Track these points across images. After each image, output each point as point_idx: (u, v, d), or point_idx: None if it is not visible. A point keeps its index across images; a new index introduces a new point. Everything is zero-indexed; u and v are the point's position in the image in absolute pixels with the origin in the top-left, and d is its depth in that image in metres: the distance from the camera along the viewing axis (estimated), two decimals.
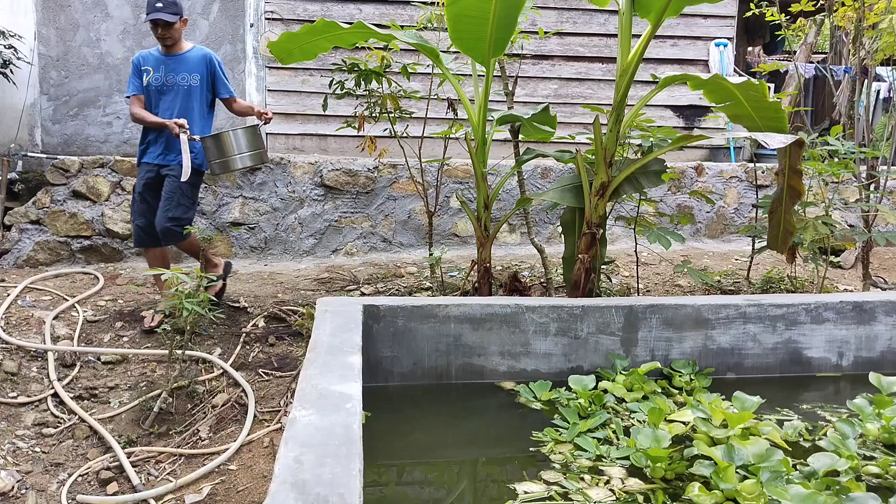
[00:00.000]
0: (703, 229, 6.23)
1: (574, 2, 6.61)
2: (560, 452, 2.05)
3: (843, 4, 4.34)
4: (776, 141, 2.64)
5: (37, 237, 5.28)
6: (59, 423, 3.11)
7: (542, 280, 4.58)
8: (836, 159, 3.82)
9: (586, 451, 2.04)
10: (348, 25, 3.14)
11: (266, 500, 1.16)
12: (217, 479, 2.73)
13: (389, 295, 4.52)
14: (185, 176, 3.70)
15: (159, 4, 3.68)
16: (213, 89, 3.98)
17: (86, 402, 3.28)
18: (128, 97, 3.93)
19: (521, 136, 3.83)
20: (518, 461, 2.07)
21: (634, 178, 3.11)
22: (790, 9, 4.59)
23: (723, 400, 2.31)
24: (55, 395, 3.28)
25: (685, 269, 3.67)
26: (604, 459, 2.01)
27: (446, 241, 5.85)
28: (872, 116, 5.84)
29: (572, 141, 3.97)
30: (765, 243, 3.34)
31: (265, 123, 3.91)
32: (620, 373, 2.58)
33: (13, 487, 2.60)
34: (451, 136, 4.10)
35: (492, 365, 2.64)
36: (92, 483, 2.76)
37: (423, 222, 5.71)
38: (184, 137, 3.69)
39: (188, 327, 3.41)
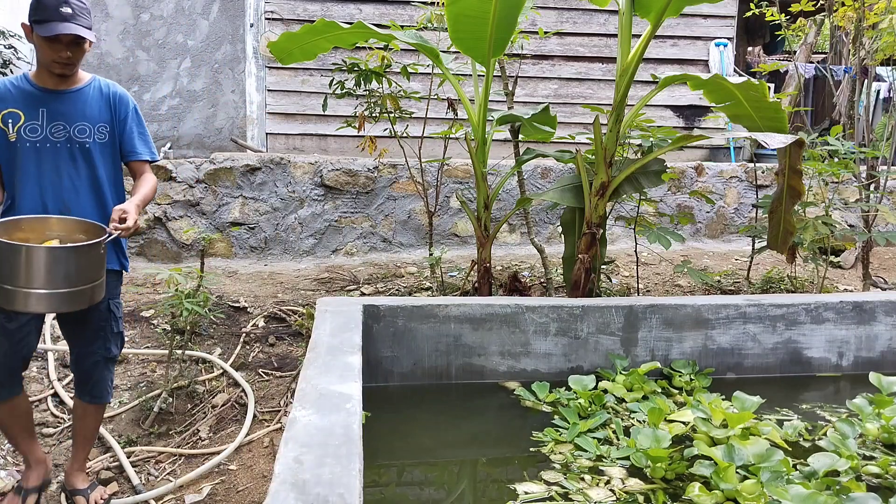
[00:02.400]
0: (703, 229, 6.22)
1: (574, 2, 6.61)
2: (560, 452, 2.05)
3: (843, 4, 4.34)
4: (776, 141, 2.64)
5: None
6: (59, 423, 3.11)
7: (542, 280, 4.58)
8: (836, 159, 3.82)
9: (586, 451, 2.04)
10: (348, 25, 3.14)
11: (266, 500, 1.16)
12: (217, 479, 2.73)
13: (389, 295, 4.52)
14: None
15: (67, 10, 2.21)
16: (120, 147, 2.48)
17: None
18: None
19: (521, 136, 3.83)
20: (518, 461, 2.07)
21: (634, 178, 3.11)
22: (790, 9, 4.59)
23: (723, 400, 2.30)
24: (55, 394, 3.28)
25: (685, 269, 3.67)
26: (604, 459, 2.01)
27: (446, 241, 5.85)
28: (872, 116, 5.84)
29: (572, 141, 3.97)
30: (765, 243, 3.34)
31: (119, 233, 2.24)
32: (620, 373, 2.57)
33: (13, 487, 2.60)
34: (451, 136, 4.10)
35: (492, 365, 2.64)
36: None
37: (423, 222, 5.71)
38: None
39: (188, 327, 3.41)
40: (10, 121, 2.33)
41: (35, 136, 2.34)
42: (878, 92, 8.07)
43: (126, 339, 3.82)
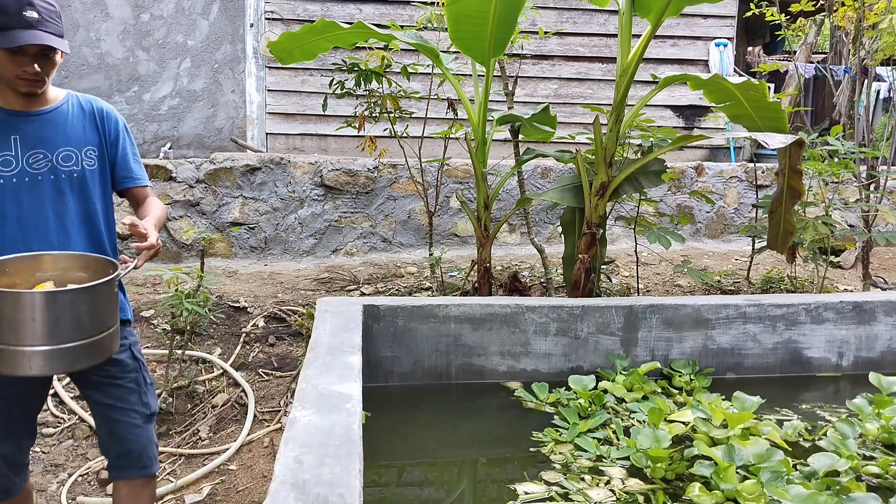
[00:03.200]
0: (703, 229, 6.23)
1: (574, 2, 6.61)
2: (560, 453, 2.05)
3: (843, 4, 4.34)
4: (776, 141, 2.64)
5: None
6: (59, 423, 3.11)
7: (542, 280, 4.58)
8: (836, 159, 3.82)
9: (586, 451, 2.04)
10: (348, 25, 3.14)
11: (266, 500, 1.16)
12: (217, 479, 2.74)
13: (389, 295, 4.52)
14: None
15: (32, 14, 1.80)
16: (112, 172, 2.09)
17: (86, 402, 3.28)
18: None
19: (521, 136, 3.83)
20: (518, 461, 2.07)
21: (634, 178, 3.11)
22: (790, 9, 4.59)
23: (723, 400, 2.30)
24: (55, 394, 3.28)
25: (685, 269, 3.67)
26: (604, 460, 2.01)
27: (446, 241, 5.85)
28: (872, 116, 5.84)
29: (572, 141, 3.97)
30: (765, 243, 3.34)
31: (138, 262, 1.88)
32: (620, 373, 2.57)
33: None
34: (451, 136, 4.10)
35: (492, 365, 2.64)
36: (92, 483, 2.76)
37: (423, 222, 5.71)
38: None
39: (188, 327, 3.41)
40: None
41: (9, 171, 1.91)
42: (878, 92, 8.07)
43: None
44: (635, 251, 4.16)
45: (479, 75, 3.44)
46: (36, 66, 1.84)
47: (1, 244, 1.91)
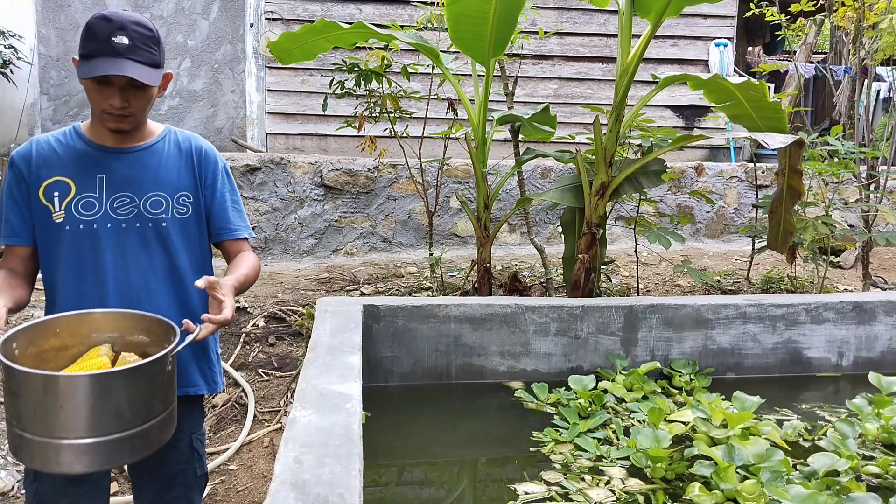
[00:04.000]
0: (703, 229, 6.23)
1: (574, 2, 6.62)
2: (560, 453, 2.05)
3: (843, 4, 4.34)
4: (776, 141, 2.64)
5: None
6: None
7: (542, 280, 4.58)
8: (836, 159, 3.82)
9: (586, 451, 2.04)
10: (348, 25, 3.14)
11: (266, 500, 1.16)
12: (217, 479, 2.73)
13: (389, 295, 4.52)
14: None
15: (122, 40, 1.57)
16: (208, 221, 1.85)
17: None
18: None
19: (521, 136, 3.83)
20: (518, 461, 2.07)
21: (634, 178, 3.11)
22: (790, 9, 4.59)
23: (723, 400, 2.30)
24: None
25: (685, 269, 3.67)
26: (604, 459, 2.01)
27: (446, 241, 5.85)
28: (872, 116, 5.84)
29: (572, 141, 3.97)
30: (765, 243, 3.34)
31: (206, 333, 1.59)
32: (620, 373, 2.57)
33: (13, 487, 2.60)
34: (451, 136, 4.10)
35: (492, 365, 2.64)
36: None
37: (423, 222, 5.71)
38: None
39: None
40: (55, 193, 1.66)
41: (91, 215, 1.67)
42: (878, 92, 8.07)
43: None
44: (635, 251, 4.16)
45: (479, 75, 3.44)
46: (120, 100, 1.60)
47: (76, 299, 1.68)
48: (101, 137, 1.72)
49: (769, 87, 3.44)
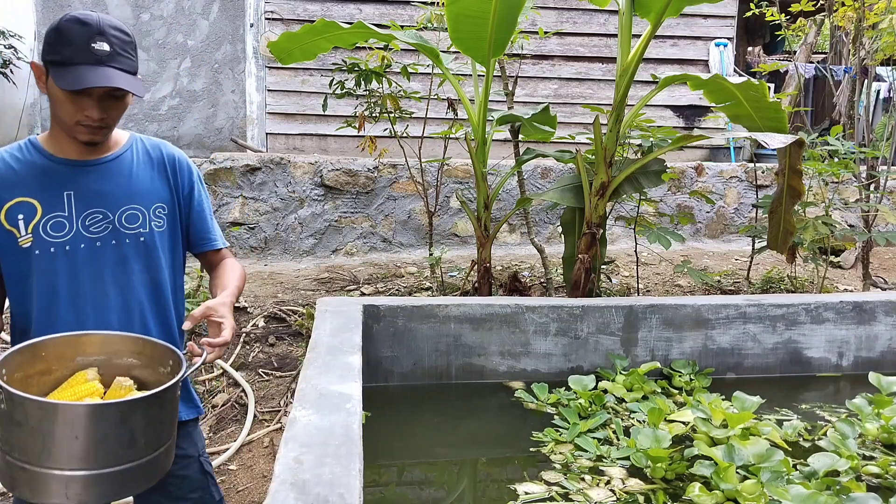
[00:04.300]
0: (703, 229, 6.23)
1: (574, 2, 6.62)
2: (560, 453, 2.05)
3: (843, 4, 4.34)
4: (776, 141, 2.64)
5: None
6: None
7: (542, 280, 4.58)
8: (836, 159, 3.82)
9: (587, 451, 2.04)
10: (348, 25, 3.14)
11: (266, 500, 1.16)
12: (217, 479, 2.73)
13: (389, 295, 4.52)
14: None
15: (103, 47, 1.45)
16: (187, 233, 1.76)
17: None
18: None
19: (521, 136, 3.83)
20: (518, 461, 2.07)
21: (634, 178, 3.11)
22: (790, 9, 4.59)
23: (723, 400, 2.30)
24: None
25: (685, 269, 3.67)
26: (604, 460, 2.01)
27: (446, 241, 5.85)
28: (872, 116, 5.84)
29: (572, 141, 3.97)
30: (765, 243, 3.34)
31: (202, 362, 1.48)
32: (620, 373, 2.57)
33: None
34: (451, 136, 4.10)
35: (492, 365, 2.64)
36: None
37: (423, 222, 5.71)
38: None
39: None
40: (20, 216, 1.51)
41: (62, 236, 1.54)
42: (878, 92, 8.08)
43: None
44: (635, 251, 4.16)
45: (479, 75, 3.44)
46: (99, 112, 1.48)
47: (51, 327, 1.54)
48: (64, 150, 1.56)
49: (769, 87, 3.44)
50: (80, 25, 1.44)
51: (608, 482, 1.89)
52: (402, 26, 3.52)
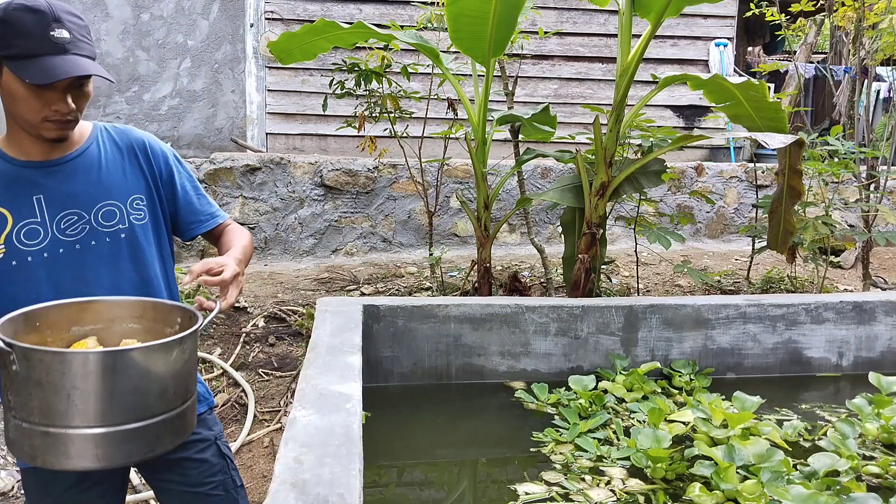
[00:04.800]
0: (703, 229, 6.22)
1: (574, 2, 6.62)
2: (561, 453, 2.05)
3: (843, 4, 4.34)
4: (776, 141, 2.64)
5: None
6: None
7: (542, 280, 4.58)
8: (836, 159, 3.82)
9: (587, 451, 2.04)
10: (348, 25, 3.14)
11: (266, 500, 1.16)
12: None
13: (389, 295, 4.52)
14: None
15: (62, 34, 1.35)
16: (175, 219, 1.69)
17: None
18: None
19: (521, 136, 3.83)
20: (518, 462, 2.07)
21: (634, 178, 3.11)
22: (790, 9, 4.59)
23: (723, 400, 2.30)
24: None
25: (685, 269, 3.67)
26: (604, 460, 2.01)
27: (446, 241, 5.85)
28: (872, 116, 5.84)
29: (572, 141, 3.97)
30: (765, 243, 3.34)
31: (217, 311, 1.41)
32: (620, 373, 2.57)
33: (13, 487, 2.60)
34: (451, 136, 4.10)
35: (492, 365, 2.64)
36: None
37: (423, 222, 5.71)
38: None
39: None
40: None
41: (37, 244, 1.45)
42: (878, 92, 8.08)
43: None
44: (635, 251, 4.16)
45: (479, 75, 3.44)
46: (69, 102, 1.39)
47: None
48: (26, 152, 1.46)
49: (769, 87, 3.44)
50: (31, 13, 1.33)
51: (608, 482, 1.89)
52: (402, 26, 3.52)
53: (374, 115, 4.15)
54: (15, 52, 1.33)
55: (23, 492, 2.41)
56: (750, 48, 10.35)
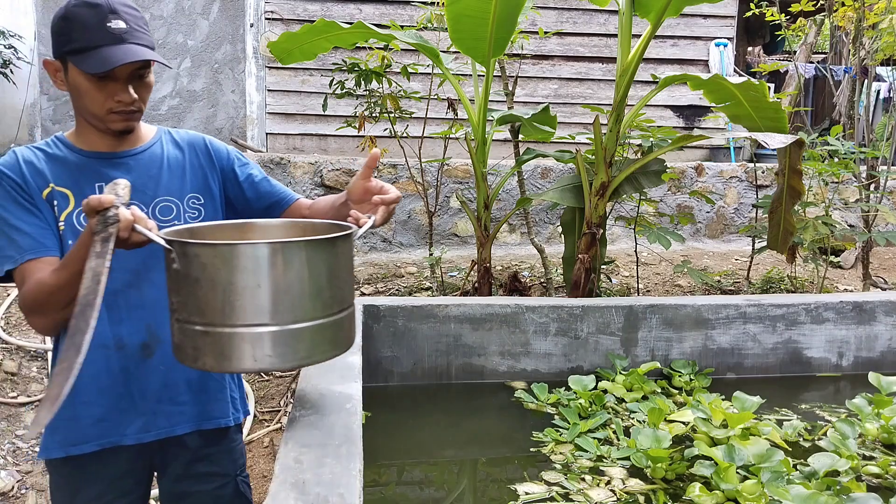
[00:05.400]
0: (703, 229, 6.22)
1: (574, 2, 6.62)
2: (561, 453, 2.05)
3: (843, 4, 4.34)
4: (776, 141, 2.64)
5: None
6: None
7: (542, 280, 4.58)
8: (836, 159, 3.82)
9: (587, 451, 2.04)
10: (348, 25, 3.14)
11: (266, 500, 1.16)
12: None
13: (389, 295, 4.52)
14: None
15: (118, 24, 1.40)
16: (249, 211, 1.71)
17: None
18: (8, 273, 1.44)
19: (521, 136, 3.83)
20: (519, 461, 2.07)
21: (634, 178, 3.11)
22: (790, 9, 4.59)
23: (723, 400, 2.30)
24: None
25: (685, 269, 3.67)
26: (604, 460, 2.01)
27: (446, 241, 5.85)
28: (872, 116, 5.84)
29: (572, 141, 3.97)
30: (765, 243, 3.34)
31: (372, 223, 1.42)
32: (620, 373, 2.57)
33: (13, 487, 2.60)
34: (451, 136, 4.10)
35: (492, 365, 2.64)
36: None
37: (423, 222, 5.71)
38: None
39: None
40: (55, 202, 1.48)
41: None
42: (878, 92, 8.08)
43: None
44: (635, 251, 4.16)
45: (479, 75, 3.44)
46: (131, 92, 1.44)
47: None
48: (93, 144, 1.52)
49: (769, 87, 3.44)
50: (89, 8, 1.40)
51: (608, 482, 1.89)
52: (402, 26, 3.52)
53: (374, 115, 4.14)
54: (76, 46, 1.39)
55: (23, 491, 2.41)
56: (750, 48, 10.35)
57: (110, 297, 1.43)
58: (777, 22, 4.57)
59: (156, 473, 1.64)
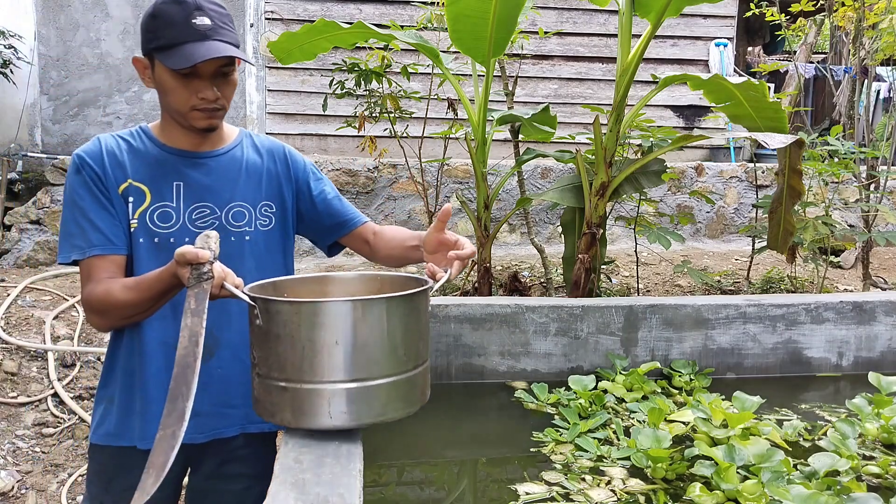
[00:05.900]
0: (703, 229, 6.23)
1: (574, 2, 6.62)
2: (561, 453, 2.05)
3: (843, 4, 4.34)
4: (776, 141, 2.64)
5: (37, 237, 5.28)
6: (59, 423, 3.11)
7: (542, 280, 4.58)
8: (836, 159, 3.82)
9: (587, 451, 2.04)
10: (348, 25, 3.14)
11: (266, 500, 1.16)
12: None
13: None
14: None
15: (203, 20, 1.44)
16: (317, 226, 1.77)
17: (86, 401, 3.28)
18: (74, 262, 1.47)
19: (521, 136, 3.83)
20: (519, 461, 2.07)
21: (634, 178, 3.11)
22: (790, 9, 4.59)
23: (723, 400, 2.30)
24: (55, 395, 3.29)
25: (685, 269, 3.67)
26: (605, 460, 2.01)
27: None
28: (872, 116, 5.84)
29: (572, 141, 3.97)
30: (765, 243, 3.34)
31: (446, 279, 1.46)
32: (620, 373, 2.57)
33: (13, 487, 2.61)
34: (451, 136, 4.10)
35: (492, 365, 2.64)
36: None
37: (423, 222, 5.71)
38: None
39: None
40: (130, 199, 1.47)
41: (168, 227, 1.47)
42: (878, 92, 8.08)
43: None
44: (635, 251, 4.17)
45: (479, 75, 3.44)
46: (215, 90, 1.45)
47: (148, 323, 1.46)
48: (176, 140, 1.52)
49: (769, 87, 3.44)
50: (176, 5, 1.42)
51: (609, 482, 1.89)
52: (402, 26, 3.52)
53: (374, 115, 4.14)
54: (163, 43, 1.41)
55: (23, 491, 2.42)
56: (750, 48, 10.35)
57: (179, 295, 1.42)
58: (777, 22, 4.57)
59: (189, 468, 1.64)
